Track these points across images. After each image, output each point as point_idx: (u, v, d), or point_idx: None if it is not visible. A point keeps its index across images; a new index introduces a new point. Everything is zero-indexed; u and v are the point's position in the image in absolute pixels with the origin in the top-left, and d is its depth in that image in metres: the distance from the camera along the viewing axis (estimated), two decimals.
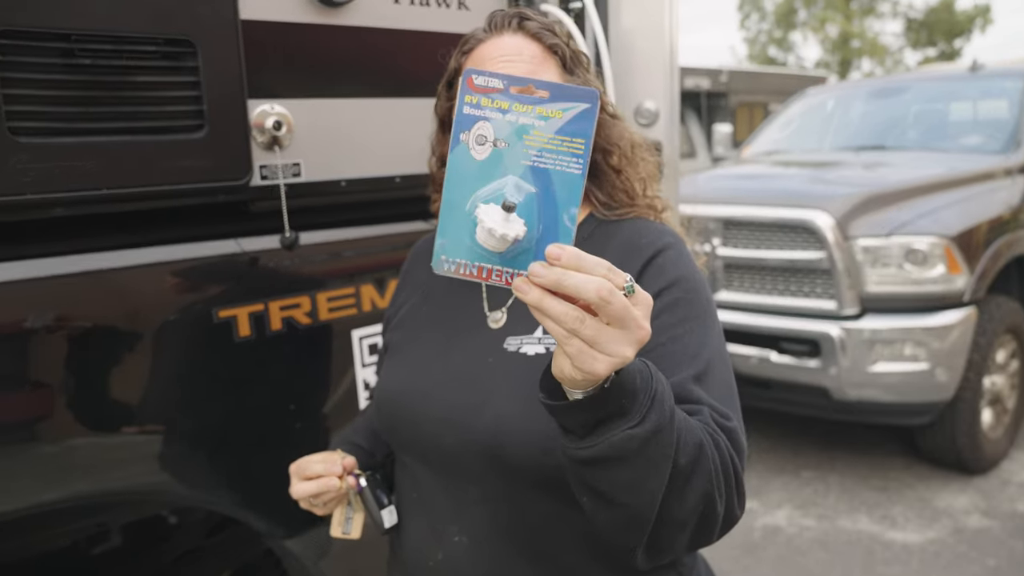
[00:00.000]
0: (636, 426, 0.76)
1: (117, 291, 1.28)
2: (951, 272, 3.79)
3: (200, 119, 1.29)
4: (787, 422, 4.73)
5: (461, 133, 0.73)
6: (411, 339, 1.15)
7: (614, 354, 0.70)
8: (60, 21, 1.15)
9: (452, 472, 1.05)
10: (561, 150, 0.72)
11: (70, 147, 1.17)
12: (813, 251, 3.92)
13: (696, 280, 1.05)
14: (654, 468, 0.79)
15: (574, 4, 1.80)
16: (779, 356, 4.00)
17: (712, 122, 8.49)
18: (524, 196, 0.71)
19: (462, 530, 1.05)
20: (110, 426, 1.29)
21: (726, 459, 0.90)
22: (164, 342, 1.32)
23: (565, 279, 0.67)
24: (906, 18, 29.89)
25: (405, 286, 1.25)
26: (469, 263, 0.73)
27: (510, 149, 0.73)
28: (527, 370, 1.00)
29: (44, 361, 1.21)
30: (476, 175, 0.73)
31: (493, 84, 0.73)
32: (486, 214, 0.70)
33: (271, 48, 1.38)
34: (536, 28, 1.07)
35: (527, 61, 1.04)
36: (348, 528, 1.18)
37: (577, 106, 0.72)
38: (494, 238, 0.70)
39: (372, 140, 1.54)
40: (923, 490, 3.97)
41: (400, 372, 1.13)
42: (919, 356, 3.74)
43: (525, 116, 0.72)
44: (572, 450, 0.80)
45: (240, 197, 1.39)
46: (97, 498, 1.34)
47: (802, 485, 4.08)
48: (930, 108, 5.50)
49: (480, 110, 0.73)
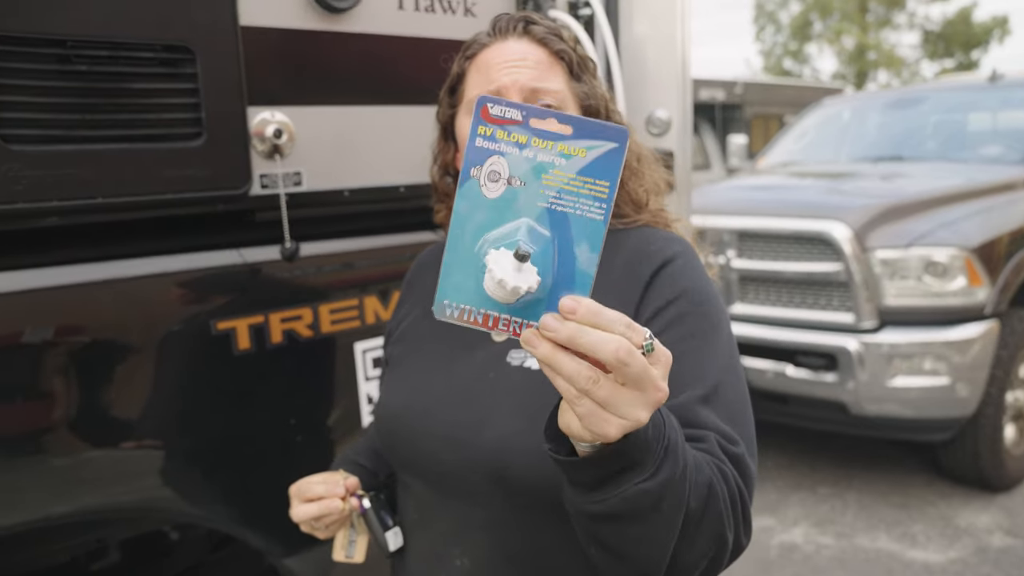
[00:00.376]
0: (648, 479, 0.71)
1: (111, 303, 1.25)
2: (972, 284, 3.71)
3: (198, 127, 1.26)
4: (804, 437, 4.64)
5: (472, 168, 0.66)
6: (412, 353, 1.11)
7: (627, 417, 0.64)
8: (55, 27, 1.13)
9: (454, 493, 1.01)
10: (583, 192, 0.65)
11: (65, 155, 1.15)
12: (830, 263, 3.86)
13: (706, 291, 1.00)
14: (666, 520, 0.74)
15: (583, 11, 1.77)
16: (795, 370, 3.93)
17: (727, 134, 8.43)
18: (539, 242, 0.65)
19: (464, 553, 1.01)
20: (102, 441, 1.26)
21: (734, 492, 0.85)
22: (161, 355, 1.29)
23: (580, 336, 0.62)
24: (923, 30, 29.73)
25: (408, 298, 1.21)
26: (474, 310, 0.67)
27: (526, 188, 0.66)
28: (532, 385, 0.96)
29: (37, 374, 1.18)
30: (487, 215, 0.66)
31: (510, 115, 0.66)
32: (496, 263, 0.64)
33: (272, 55, 1.36)
34: (542, 33, 1.04)
35: (532, 67, 1.01)
36: (351, 552, 1.13)
37: (604, 145, 0.65)
38: (504, 290, 0.64)
39: (376, 149, 1.51)
40: (944, 508, 3.87)
41: (400, 388, 1.09)
42: (939, 370, 3.66)
43: (544, 153, 0.66)
44: (580, 503, 0.75)
45: (240, 207, 1.36)
46: (92, 514, 1.31)
47: (819, 502, 4.00)
48: (949, 118, 5.43)
49: (495, 143, 0.66)
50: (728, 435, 0.89)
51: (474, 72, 1.05)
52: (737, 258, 4.21)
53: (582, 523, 0.77)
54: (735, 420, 0.92)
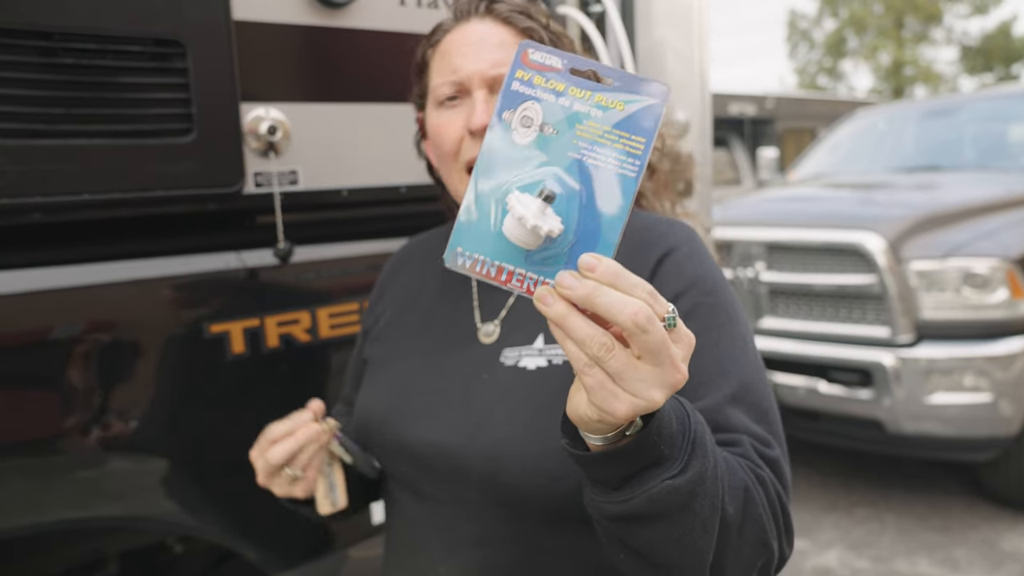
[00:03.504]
0: (677, 475, 0.65)
1: (98, 305, 1.21)
2: (1015, 297, 3.56)
3: (189, 123, 1.22)
4: (839, 456, 4.49)
5: (505, 111, 0.64)
6: (394, 353, 1.05)
7: (639, 395, 0.58)
8: (41, 19, 1.10)
9: (444, 504, 0.94)
10: (616, 147, 0.62)
11: (50, 150, 1.12)
12: (863, 275, 3.74)
13: (716, 279, 0.93)
14: (701, 522, 0.67)
15: (594, 7, 1.71)
16: (828, 386, 3.80)
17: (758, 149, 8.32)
18: (565, 192, 0.62)
19: (451, 572, 0.93)
20: (89, 450, 1.22)
21: (773, 498, 0.78)
22: (150, 360, 1.25)
23: (598, 295, 0.57)
24: (961, 45, 29.29)
25: (384, 295, 1.15)
26: (488, 260, 0.63)
27: (558, 137, 0.63)
28: (528, 386, 0.89)
29: (21, 381, 1.15)
30: (513, 160, 0.63)
31: (551, 62, 0.64)
32: (519, 201, 0.61)
33: (267, 50, 1.32)
34: (506, 11, 0.98)
35: (494, 49, 0.95)
36: (335, 498, 1.00)
37: (643, 100, 0.62)
38: (524, 229, 0.60)
39: (376, 147, 1.46)
40: (988, 531, 3.70)
41: (383, 391, 1.02)
42: (981, 387, 3.52)
43: (581, 103, 0.63)
44: (602, 504, 0.68)
45: (233, 205, 1.32)
46: (83, 524, 1.27)
47: (855, 524, 3.85)
48: (987, 128, 5.28)
49: (531, 88, 0.64)
50: (761, 437, 0.83)
51: (437, 59, 0.99)
52: (767, 271, 4.10)
53: (606, 526, 0.71)
54: (765, 419, 0.85)
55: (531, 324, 0.94)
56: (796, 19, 31.20)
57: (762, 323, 4.08)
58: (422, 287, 1.09)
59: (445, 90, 0.96)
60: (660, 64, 2.07)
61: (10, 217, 1.12)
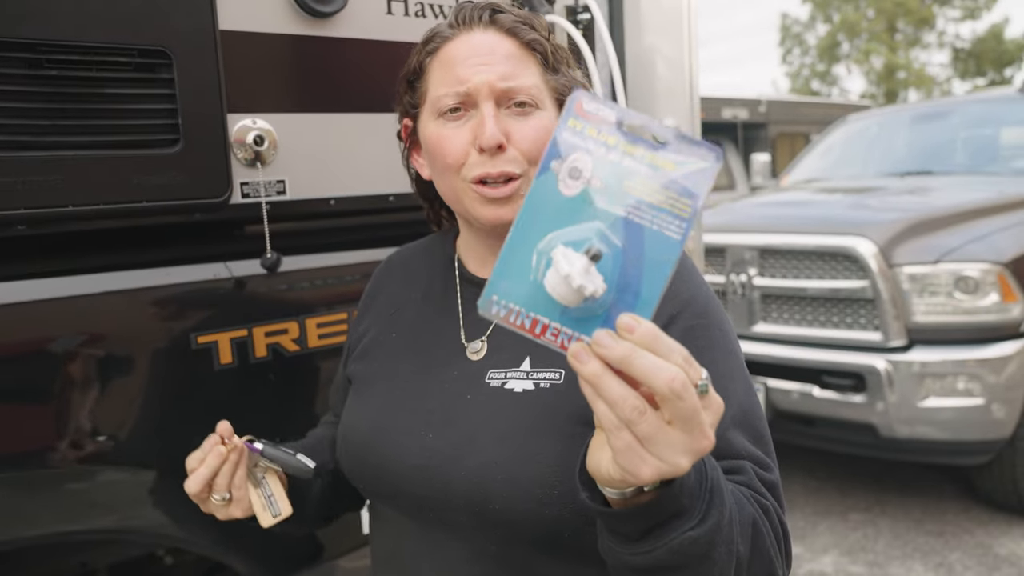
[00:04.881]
0: (697, 526, 0.66)
1: (84, 317, 1.21)
2: (1006, 301, 3.58)
3: (175, 133, 1.22)
4: (833, 461, 4.50)
5: (553, 160, 0.63)
6: (378, 372, 1.03)
7: (666, 460, 0.59)
8: (26, 31, 1.10)
9: (433, 526, 0.93)
10: (664, 207, 0.62)
11: (35, 161, 1.12)
12: (855, 280, 3.75)
13: (707, 298, 0.93)
14: (719, 569, 0.68)
15: (582, 15, 1.72)
16: (821, 391, 3.81)
17: (751, 153, 8.35)
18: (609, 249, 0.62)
19: None
20: (77, 461, 1.21)
21: (777, 527, 0.79)
22: (138, 371, 1.25)
23: (635, 358, 0.57)
24: (953, 48, 29.45)
25: (368, 312, 1.13)
26: (524, 312, 0.63)
27: (605, 192, 0.63)
28: (514, 409, 0.88)
29: (6, 392, 1.14)
30: (558, 213, 0.63)
31: (604, 114, 0.64)
32: (565, 257, 0.61)
33: (253, 60, 1.32)
34: (510, 22, 0.95)
35: (502, 62, 0.92)
36: (275, 508, 0.99)
37: (696, 162, 0.62)
38: (567, 287, 0.60)
39: (363, 157, 1.46)
40: (983, 535, 3.71)
41: (367, 411, 1.01)
42: (973, 391, 3.53)
43: (632, 159, 0.63)
44: (623, 555, 0.69)
45: (220, 216, 1.32)
46: (71, 536, 1.26)
47: (850, 529, 3.85)
48: (979, 131, 5.31)
49: (582, 139, 0.63)
50: (761, 461, 0.84)
51: (437, 68, 0.95)
52: (759, 276, 4.11)
53: (623, 574, 0.71)
54: (762, 440, 0.86)
55: (517, 345, 0.93)
56: (789, 23, 31.35)
57: (755, 328, 4.09)
58: (405, 303, 1.07)
59: (448, 101, 0.92)
60: (650, 71, 2.08)
61: None
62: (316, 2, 1.34)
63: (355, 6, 1.40)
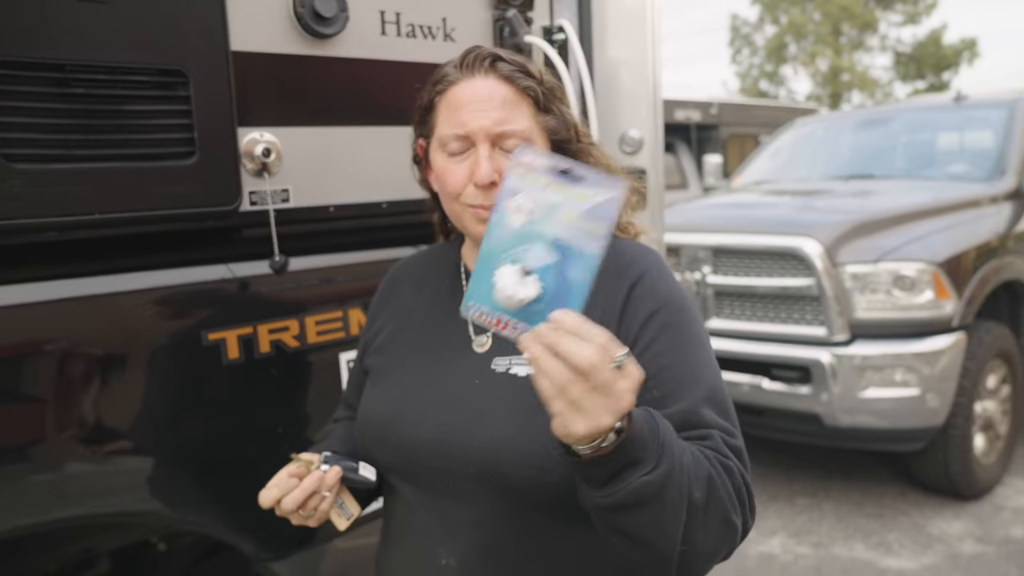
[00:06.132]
0: (650, 472, 0.83)
1: (108, 315, 1.30)
2: (939, 298, 3.82)
3: (191, 146, 1.32)
4: (781, 449, 4.71)
5: (504, 200, 0.87)
6: (396, 365, 1.17)
7: (592, 419, 0.76)
8: (56, 53, 1.19)
9: (443, 494, 1.06)
10: (584, 229, 0.83)
11: (64, 173, 1.21)
12: (802, 278, 3.96)
13: (682, 298, 1.09)
14: (671, 508, 0.85)
15: (558, 36, 1.85)
16: (771, 383, 4.01)
17: (703, 154, 8.58)
18: (545, 263, 0.84)
19: (450, 553, 1.05)
20: (98, 448, 1.31)
21: (738, 481, 0.96)
22: (154, 365, 1.34)
23: (561, 343, 0.76)
24: (895, 52, 30.31)
25: (382, 310, 1.26)
26: (490, 312, 0.85)
27: (543, 221, 0.85)
28: (519, 390, 1.02)
29: (37, 383, 1.23)
30: (510, 238, 0.86)
31: (538, 163, 0.87)
32: (500, 278, 0.84)
33: (261, 78, 1.42)
34: (508, 71, 1.07)
35: (498, 108, 1.05)
36: (347, 511, 1.12)
37: (604, 193, 0.83)
38: (504, 297, 0.83)
39: (359, 167, 1.57)
40: (918, 516, 3.96)
41: (387, 396, 1.14)
42: (910, 382, 3.76)
43: (560, 195, 0.84)
44: (594, 498, 0.86)
45: (230, 222, 1.42)
46: (84, 521, 1.35)
47: (797, 513, 4.07)
48: (917, 138, 5.58)
49: (524, 182, 0.86)
50: (728, 430, 1.01)
51: (444, 107, 1.08)
52: (712, 274, 4.30)
53: (598, 515, 0.88)
54: (728, 415, 1.03)
55: None
56: (739, 24, 31.88)
57: (709, 324, 4.27)
58: (416, 305, 1.21)
59: (452, 144, 1.06)
60: (617, 82, 2.21)
61: (29, 235, 1.21)
62: (318, 24, 1.45)
63: (353, 28, 1.51)
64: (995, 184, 4.66)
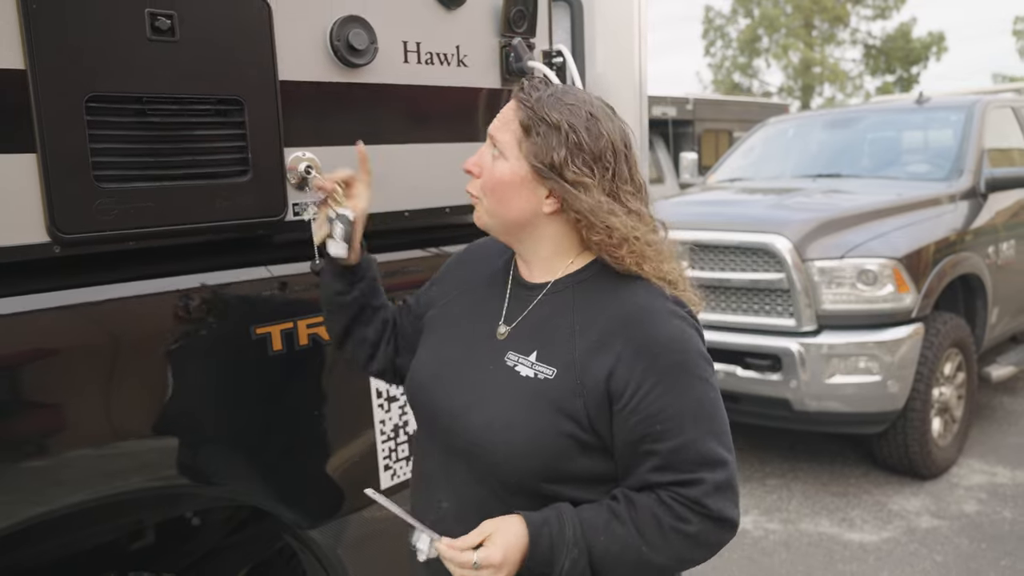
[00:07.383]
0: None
1: (172, 310, 1.49)
2: (899, 291, 4.09)
3: (246, 165, 1.51)
4: (753, 433, 4.98)
5: None
6: (440, 332, 1.39)
7: None
8: (133, 86, 1.37)
9: (452, 454, 1.28)
10: None
11: (142, 191, 1.40)
12: (774, 272, 4.21)
13: (686, 337, 1.19)
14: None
15: (556, 59, 2.06)
16: (744, 371, 4.27)
17: (679, 148, 8.83)
18: None
19: (447, 498, 1.28)
20: (162, 430, 1.50)
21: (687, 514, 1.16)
22: (211, 356, 1.54)
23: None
24: (865, 45, 30.81)
25: (448, 278, 1.47)
26: None
27: None
28: (517, 387, 1.22)
29: (124, 369, 1.42)
30: None
31: None
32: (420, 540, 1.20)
33: (303, 103, 1.61)
34: (521, 97, 1.24)
35: (506, 122, 1.25)
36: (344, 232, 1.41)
37: None
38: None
39: (387, 180, 1.77)
40: (879, 495, 4.24)
41: (429, 359, 1.36)
42: (872, 369, 4.03)
43: None
44: None
45: (276, 230, 1.61)
46: (158, 492, 1.54)
47: (767, 492, 4.34)
48: (881, 138, 5.86)
49: None
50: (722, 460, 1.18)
51: None
52: (689, 268, 4.51)
53: None
54: (726, 442, 1.20)
55: (531, 340, 1.26)
56: (712, 16, 32.17)
57: None
58: (470, 284, 1.41)
59: None
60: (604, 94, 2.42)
61: (114, 244, 1.40)
62: (351, 55, 1.64)
63: (381, 58, 1.70)
64: (953, 183, 4.95)
